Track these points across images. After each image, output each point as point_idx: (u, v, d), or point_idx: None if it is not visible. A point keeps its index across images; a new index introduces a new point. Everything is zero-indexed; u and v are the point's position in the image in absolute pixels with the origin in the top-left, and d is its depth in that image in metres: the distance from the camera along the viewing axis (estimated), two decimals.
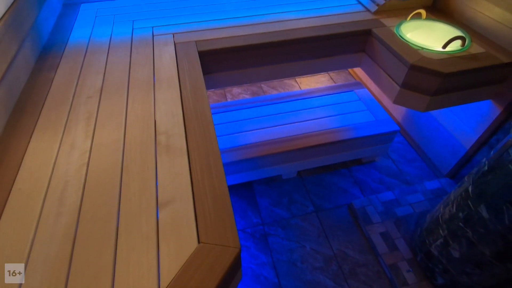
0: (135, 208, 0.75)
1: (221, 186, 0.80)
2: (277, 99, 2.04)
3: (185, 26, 1.49)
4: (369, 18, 1.55)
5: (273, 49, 1.43)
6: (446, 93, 1.32)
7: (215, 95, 2.61)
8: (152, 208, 0.75)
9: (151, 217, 0.74)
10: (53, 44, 1.38)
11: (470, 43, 1.35)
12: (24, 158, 0.88)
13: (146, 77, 1.17)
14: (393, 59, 1.35)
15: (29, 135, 0.95)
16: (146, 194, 0.78)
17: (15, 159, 0.87)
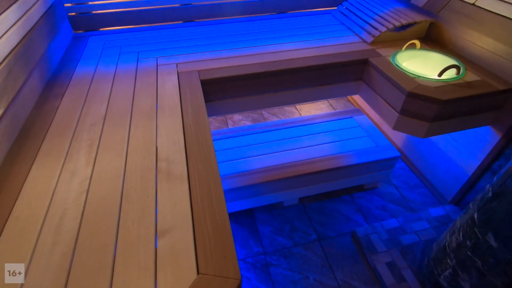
0: (133, 237, 0.74)
1: (222, 213, 0.78)
2: (278, 125, 2.06)
3: (188, 57, 1.55)
4: (366, 48, 1.61)
5: (273, 78, 1.47)
6: (444, 120, 1.33)
7: (217, 121, 2.65)
8: (150, 237, 0.74)
9: (149, 246, 0.72)
10: (60, 73, 1.42)
11: (464, 71, 1.39)
12: (23, 186, 0.87)
13: (149, 105, 1.19)
14: (391, 87, 1.38)
15: (31, 163, 0.95)
16: (145, 222, 0.77)
17: (15, 187, 0.87)
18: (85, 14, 1.75)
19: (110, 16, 1.80)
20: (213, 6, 1.91)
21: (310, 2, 2.07)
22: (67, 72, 1.43)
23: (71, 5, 1.70)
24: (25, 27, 1.20)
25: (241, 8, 1.96)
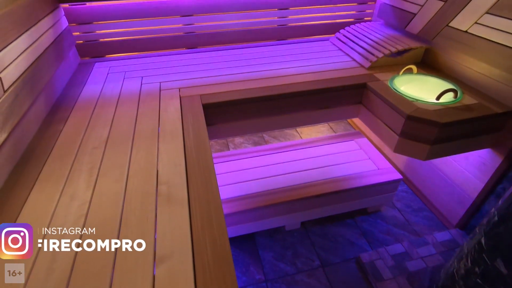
0: (131, 263, 0.72)
1: (222, 239, 0.76)
2: (279, 148, 2.07)
3: (190, 81, 1.59)
4: (364, 73, 1.65)
5: (273, 102, 1.50)
6: (445, 142, 1.34)
7: (218, 144, 2.66)
8: (149, 263, 0.71)
9: (147, 273, 0.69)
10: (65, 98, 1.45)
11: (462, 95, 1.42)
12: (22, 209, 0.86)
13: (151, 129, 1.21)
14: (390, 110, 1.40)
15: (31, 186, 0.94)
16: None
17: (13, 211, 0.86)
18: (92, 42, 1.82)
19: (116, 44, 1.86)
20: (216, 34, 1.99)
21: (308, 30, 2.15)
22: (72, 97, 1.46)
23: (79, 33, 1.77)
24: (34, 54, 1.25)
25: (242, 36, 2.04)
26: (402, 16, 1.83)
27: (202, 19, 1.92)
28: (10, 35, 1.10)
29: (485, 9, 1.36)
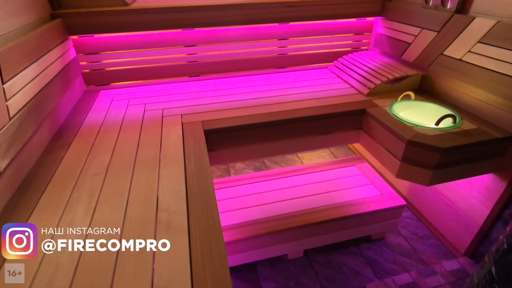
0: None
1: (223, 269, 0.74)
2: (280, 174, 2.06)
3: (192, 108, 1.62)
4: (363, 99, 1.68)
5: (274, 128, 1.51)
6: (447, 167, 1.33)
7: (219, 170, 2.65)
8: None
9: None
10: (69, 124, 1.47)
11: (460, 120, 1.43)
12: None
13: (153, 155, 1.21)
14: (390, 136, 1.41)
15: (29, 213, 0.93)
16: (141, 278, 0.72)
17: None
18: (98, 71, 1.88)
19: (121, 73, 1.92)
20: (218, 63, 2.05)
21: (307, 59, 2.22)
22: (75, 123, 1.48)
23: (86, 63, 1.84)
24: (42, 82, 1.28)
25: (243, 64, 2.11)
26: (397, 45, 1.90)
27: (205, 49, 2.00)
28: (20, 65, 1.14)
29: (477, 39, 1.41)
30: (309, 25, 2.10)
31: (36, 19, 1.42)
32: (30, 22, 1.36)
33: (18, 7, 1.27)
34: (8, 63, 1.05)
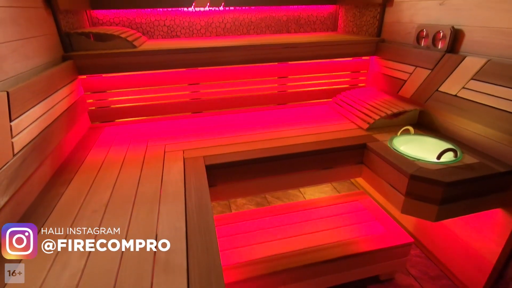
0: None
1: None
2: (282, 210, 2.01)
3: (194, 143, 1.64)
4: (363, 134, 1.70)
5: (275, 163, 1.52)
6: (452, 202, 1.30)
7: (220, 206, 2.60)
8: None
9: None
10: (71, 161, 1.48)
11: (461, 154, 1.43)
12: (11, 277, 0.80)
13: (153, 191, 1.20)
14: (392, 170, 1.40)
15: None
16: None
17: (1, 277, 0.80)
18: (103, 108, 1.94)
19: (126, 110, 1.98)
20: (220, 100, 2.12)
21: (307, 95, 2.29)
22: (78, 160, 1.49)
23: (93, 100, 1.90)
24: (48, 120, 1.32)
25: (245, 101, 2.17)
26: (393, 82, 1.97)
27: (207, 86, 2.07)
28: (29, 104, 1.18)
29: (470, 76, 1.46)
30: (307, 63, 2.21)
31: (49, 61, 1.50)
32: (42, 63, 1.43)
33: (32, 51, 1.35)
34: (17, 102, 1.08)
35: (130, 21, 2.26)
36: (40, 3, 1.48)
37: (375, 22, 2.14)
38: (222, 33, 2.46)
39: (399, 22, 1.95)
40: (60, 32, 1.64)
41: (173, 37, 2.37)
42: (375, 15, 2.14)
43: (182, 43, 2.02)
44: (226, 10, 2.39)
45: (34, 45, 1.37)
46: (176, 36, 2.38)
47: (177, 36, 2.38)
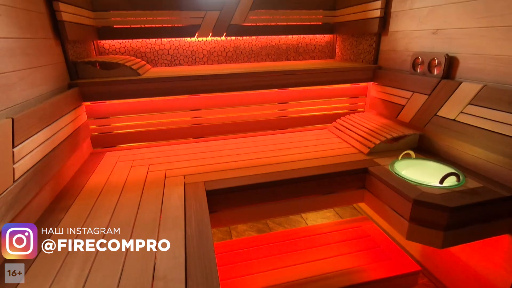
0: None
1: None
2: (284, 236, 1.96)
3: (195, 168, 1.63)
4: (364, 159, 1.70)
5: (276, 188, 1.50)
6: (458, 228, 1.27)
7: (220, 232, 2.54)
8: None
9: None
10: (72, 186, 1.47)
11: (464, 178, 1.42)
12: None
13: (153, 217, 1.18)
14: (395, 195, 1.39)
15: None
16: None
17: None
18: (106, 134, 1.96)
19: (128, 135, 2.00)
20: (222, 126, 2.15)
21: (307, 120, 2.32)
22: (78, 185, 1.48)
23: (96, 126, 1.92)
24: (51, 145, 1.33)
25: (246, 126, 2.20)
26: (392, 107, 2.00)
27: (209, 112, 2.11)
28: (33, 130, 1.19)
29: (467, 101, 1.49)
30: (307, 89, 2.26)
31: (55, 88, 1.54)
32: (49, 91, 1.47)
33: (40, 79, 1.39)
34: (21, 128, 1.10)
35: (135, 50, 2.34)
36: (50, 34, 1.55)
37: (372, 50, 2.22)
38: (223, 61, 2.55)
39: (394, 50, 2.02)
40: (67, 61, 1.70)
41: (176, 65, 2.45)
42: (371, 43, 2.22)
43: (184, 71, 2.08)
44: (228, 39, 2.49)
45: (41, 74, 1.41)
46: (179, 64, 2.46)
47: (180, 64, 2.46)
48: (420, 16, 1.76)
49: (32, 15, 1.39)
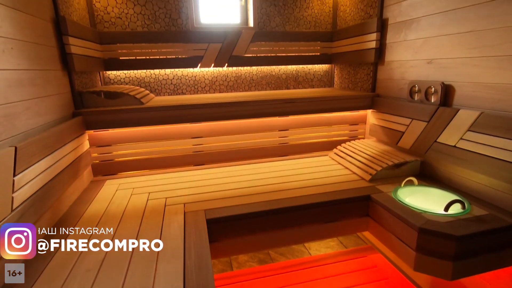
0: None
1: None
2: (287, 267, 1.89)
3: (196, 196, 1.61)
4: (366, 186, 1.68)
5: (278, 216, 1.47)
6: (468, 258, 1.23)
7: (220, 263, 2.45)
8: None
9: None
10: (70, 215, 1.45)
11: (469, 205, 1.40)
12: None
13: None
14: (400, 223, 1.35)
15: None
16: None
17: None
18: (107, 161, 1.96)
19: (129, 163, 2.00)
20: (222, 153, 2.15)
21: (307, 147, 2.33)
22: (77, 214, 1.46)
23: (97, 154, 1.93)
24: (52, 174, 1.33)
25: (247, 153, 2.20)
26: (391, 134, 2.02)
27: (210, 139, 2.12)
28: (35, 158, 1.20)
29: (466, 128, 1.50)
30: (307, 117, 2.29)
31: (60, 117, 1.57)
32: (53, 120, 1.49)
33: (45, 108, 1.43)
34: (23, 157, 1.11)
35: (140, 80, 2.41)
36: (59, 66, 1.61)
37: (369, 78, 2.28)
38: (225, 90, 2.61)
39: (391, 79, 2.07)
40: (73, 91, 1.75)
41: (179, 94, 2.51)
42: (368, 72, 2.29)
43: (187, 99, 2.13)
44: (229, 69, 2.57)
45: (47, 103, 1.45)
46: (182, 93, 2.52)
47: (183, 93, 2.52)
48: (414, 47, 1.83)
49: (42, 48, 1.45)
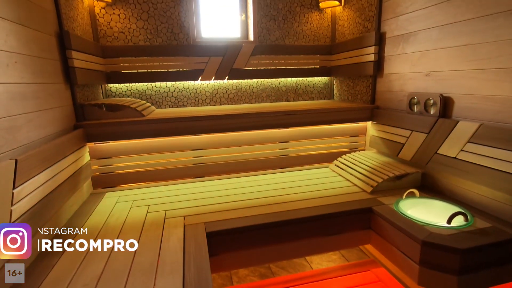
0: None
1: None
2: (288, 282, 1.85)
3: (196, 209, 1.60)
4: (367, 198, 1.67)
5: (279, 229, 1.46)
6: (473, 272, 1.20)
7: (220, 278, 2.40)
8: None
9: None
10: (69, 228, 1.43)
11: (472, 218, 1.38)
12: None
13: (150, 261, 1.13)
14: (402, 236, 1.33)
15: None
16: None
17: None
18: (107, 174, 1.95)
19: (129, 175, 1.99)
20: (223, 165, 2.15)
21: (308, 159, 2.33)
22: (75, 227, 1.44)
23: (98, 167, 1.93)
24: (51, 186, 1.32)
25: (247, 165, 2.20)
26: (392, 145, 2.02)
27: (210, 151, 2.12)
28: (35, 171, 1.19)
29: (466, 139, 1.50)
30: (308, 128, 2.29)
31: (61, 130, 1.57)
32: (55, 132, 1.50)
33: (46, 121, 1.43)
34: (24, 169, 1.10)
35: (141, 93, 2.44)
36: (61, 79, 1.63)
37: (368, 91, 2.30)
38: (225, 102, 2.63)
39: (390, 91, 2.09)
40: (75, 103, 1.76)
41: (180, 107, 2.53)
42: (368, 84, 2.31)
43: (187, 112, 2.14)
44: (230, 82, 2.60)
45: (49, 116, 1.46)
46: (182, 105, 2.54)
47: (184, 106, 2.54)
48: (412, 59, 1.85)
49: (45, 62, 1.47)
